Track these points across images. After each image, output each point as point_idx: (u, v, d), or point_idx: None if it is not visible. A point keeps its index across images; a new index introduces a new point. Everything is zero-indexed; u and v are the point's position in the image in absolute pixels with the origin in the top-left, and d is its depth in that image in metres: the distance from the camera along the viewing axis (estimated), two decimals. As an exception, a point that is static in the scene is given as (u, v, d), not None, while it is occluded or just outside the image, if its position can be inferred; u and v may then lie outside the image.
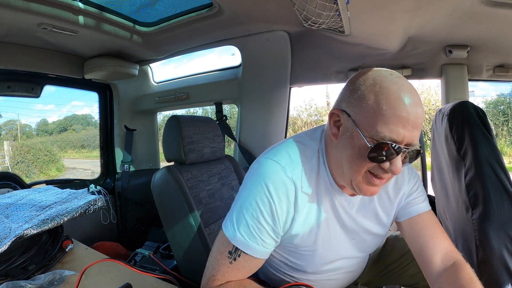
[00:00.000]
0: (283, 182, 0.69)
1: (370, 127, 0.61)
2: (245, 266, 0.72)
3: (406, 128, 0.60)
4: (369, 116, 0.62)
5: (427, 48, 1.54)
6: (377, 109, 0.61)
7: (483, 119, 0.89)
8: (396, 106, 0.60)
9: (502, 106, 9.03)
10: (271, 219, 0.69)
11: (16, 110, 8.15)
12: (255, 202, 0.69)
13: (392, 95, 0.61)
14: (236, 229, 0.70)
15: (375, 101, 0.61)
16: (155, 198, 1.26)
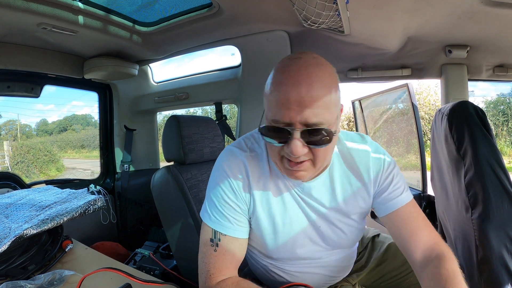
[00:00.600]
0: (236, 162, 0.77)
1: (267, 113, 0.66)
2: (229, 250, 0.74)
3: (289, 108, 0.61)
4: (265, 103, 0.67)
5: (426, 48, 1.54)
6: (267, 95, 0.66)
7: (483, 119, 0.89)
8: (277, 89, 0.63)
9: (502, 106, 9.04)
10: (233, 196, 0.75)
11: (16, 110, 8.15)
12: (217, 184, 0.77)
13: (276, 79, 0.64)
14: (210, 213, 0.76)
15: (267, 87, 0.66)
16: (155, 198, 1.26)
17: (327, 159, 0.71)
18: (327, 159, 0.70)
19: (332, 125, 0.64)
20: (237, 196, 0.76)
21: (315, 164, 0.67)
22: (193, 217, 1.17)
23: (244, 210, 0.77)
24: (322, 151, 0.65)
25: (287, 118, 0.61)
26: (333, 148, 0.72)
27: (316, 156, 0.65)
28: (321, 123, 0.62)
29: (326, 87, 0.63)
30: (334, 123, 0.65)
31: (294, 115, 0.61)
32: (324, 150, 0.65)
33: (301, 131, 0.62)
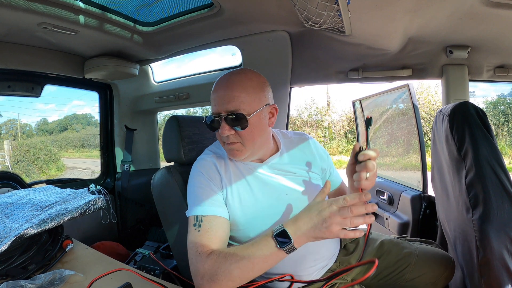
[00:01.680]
0: (205, 162, 0.97)
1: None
2: (212, 228, 0.83)
3: (217, 104, 0.88)
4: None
5: (427, 48, 1.54)
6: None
7: (484, 120, 0.89)
8: (212, 92, 0.91)
9: (503, 107, 9.03)
10: (208, 182, 0.91)
11: (16, 110, 8.15)
12: (195, 180, 0.93)
13: (216, 84, 0.91)
14: (191, 205, 0.88)
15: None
16: (155, 198, 1.26)
17: (256, 142, 0.91)
18: (256, 141, 0.91)
19: (250, 114, 0.87)
20: (211, 181, 0.91)
21: (244, 144, 0.90)
22: (193, 217, 1.17)
23: (219, 192, 0.91)
24: (245, 133, 0.88)
25: (216, 110, 0.89)
26: (259, 134, 0.91)
27: (243, 137, 0.89)
28: (237, 110, 0.86)
29: (242, 87, 0.87)
30: (253, 113, 0.88)
31: (219, 108, 0.88)
32: (247, 133, 0.88)
33: (225, 117, 0.87)
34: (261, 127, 0.91)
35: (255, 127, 0.90)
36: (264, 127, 0.93)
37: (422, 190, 1.69)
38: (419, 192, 1.71)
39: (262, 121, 0.91)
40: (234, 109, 0.86)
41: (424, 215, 1.64)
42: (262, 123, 0.92)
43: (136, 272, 0.89)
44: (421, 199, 1.67)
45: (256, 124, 0.90)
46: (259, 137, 0.92)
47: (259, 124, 0.91)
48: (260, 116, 0.91)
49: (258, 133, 0.91)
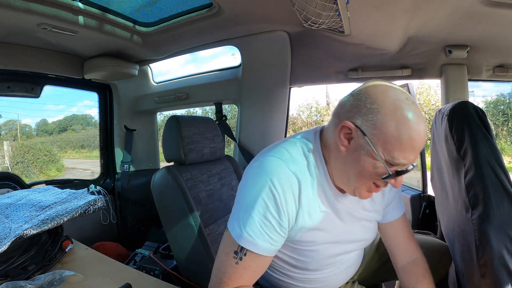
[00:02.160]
0: (287, 176, 0.71)
1: (387, 152, 0.66)
2: (252, 266, 0.72)
3: (416, 153, 0.67)
4: (388, 142, 0.65)
5: (427, 48, 1.54)
6: (398, 138, 0.64)
7: (483, 119, 0.89)
8: (413, 138, 0.65)
9: (502, 106, 9.03)
10: (277, 213, 0.70)
11: (16, 110, 8.15)
12: (261, 198, 0.69)
13: (412, 126, 0.64)
14: (242, 228, 0.70)
15: (396, 130, 0.64)
16: (155, 199, 1.26)
17: None
18: None
19: None
20: (281, 213, 0.70)
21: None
22: (193, 218, 1.17)
23: (284, 226, 0.72)
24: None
25: (411, 161, 0.68)
26: None
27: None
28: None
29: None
30: None
31: (416, 157, 0.68)
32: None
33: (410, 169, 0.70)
34: None
35: None
36: None
37: (422, 190, 1.69)
38: (418, 191, 1.71)
39: None
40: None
41: (424, 214, 1.64)
42: None
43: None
44: (421, 199, 1.67)
45: None
46: None
47: None
48: None
49: None
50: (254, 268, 0.72)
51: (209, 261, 1.14)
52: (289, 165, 0.72)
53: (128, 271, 0.98)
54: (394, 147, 0.65)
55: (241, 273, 0.72)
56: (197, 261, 1.16)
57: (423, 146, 0.68)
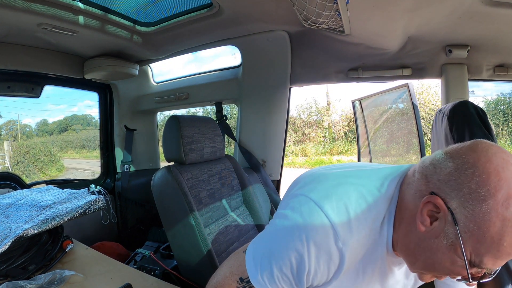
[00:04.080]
0: (329, 251, 0.56)
1: (476, 253, 0.50)
2: None
3: (505, 260, 0.51)
4: (483, 243, 0.49)
5: (427, 48, 1.54)
6: (497, 242, 0.48)
7: (483, 119, 0.89)
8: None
9: (503, 106, 9.03)
10: (298, 278, 0.59)
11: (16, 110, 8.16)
12: (288, 258, 0.58)
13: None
14: (259, 272, 0.62)
15: (500, 233, 0.47)
16: (155, 198, 1.26)
17: None
18: None
19: None
20: (301, 281, 0.59)
21: None
22: (193, 217, 1.17)
23: (302, 286, 0.62)
24: None
25: (496, 268, 0.52)
26: None
27: None
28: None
29: None
30: None
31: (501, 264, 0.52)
32: None
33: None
34: None
35: None
36: None
37: (422, 190, 1.69)
38: (419, 191, 1.71)
39: None
40: None
41: None
42: None
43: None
44: (421, 199, 1.67)
45: None
46: None
47: None
48: None
49: None
50: None
51: (210, 261, 1.14)
52: (338, 239, 0.56)
53: (128, 271, 0.98)
54: (488, 251, 0.49)
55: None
56: (197, 260, 1.16)
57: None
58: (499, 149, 0.51)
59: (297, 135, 11.14)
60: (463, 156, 0.51)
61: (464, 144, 0.54)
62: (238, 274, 0.67)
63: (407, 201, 0.58)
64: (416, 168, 0.60)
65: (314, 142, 11.05)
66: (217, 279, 0.72)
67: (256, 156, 2.03)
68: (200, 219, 1.20)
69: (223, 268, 0.72)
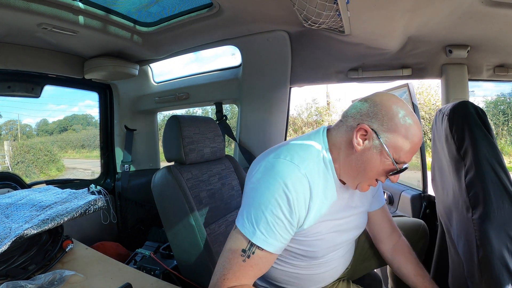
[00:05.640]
0: (299, 179, 0.76)
1: (396, 152, 0.78)
2: (259, 263, 0.75)
3: (413, 154, 0.81)
4: (398, 144, 0.77)
5: (427, 48, 1.54)
6: (406, 141, 0.78)
7: (483, 119, 0.89)
8: (416, 142, 0.79)
9: (502, 106, 9.03)
10: (289, 214, 0.75)
11: (16, 110, 8.16)
12: (274, 199, 0.74)
13: (415, 132, 0.79)
14: (255, 227, 0.74)
15: (405, 135, 0.77)
16: (155, 198, 1.26)
17: None
18: None
19: None
20: (292, 214, 0.75)
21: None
22: (193, 217, 1.17)
23: (294, 226, 0.78)
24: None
25: (409, 160, 0.81)
26: None
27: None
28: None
29: None
30: None
31: (411, 158, 0.82)
32: None
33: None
34: None
35: None
36: None
37: (422, 190, 1.69)
38: (419, 191, 1.71)
39: None
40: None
41: (424, 214, 1.64)
42: None
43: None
44: (421, 199, 1.67)
45: None
46: None
47: None
48: None
49: None
50: (260, 266, 0.75)
51: (210, 261, 1.14)
52: (300, 168, 0.77)
53: (128, 270, 0.98)
54: (402, 149, 0.78)
55: (247, 270, 0.74)
56: (197, 260, 1.16)
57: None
58: (390, 94, 0.84)
59: (297, 135, 11.14)
60: (372, 99, 0.82)
61: (370, 94, 0.85)
62: (239, 247, 0.75)
63: (340, 137, 0.84)
64: (341, 118, 0.87)
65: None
66: (223, 266, 0.75)
67: (256, 156, 2.02)
68: (200, 219, 1.20)
69: (224, 254, 0.78)
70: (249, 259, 0.74)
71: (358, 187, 0.84)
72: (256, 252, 0.74)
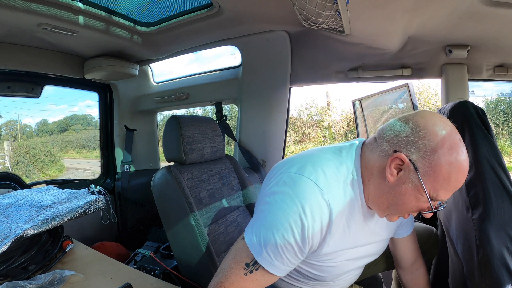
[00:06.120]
0: (319, 205, 0.69)
1: (433, 189, 0.67)
2: (260, 280, 0.72)
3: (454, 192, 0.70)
4: (437, 181, 0.66)
5: (427, 47, 1.54)
6: (447, 179, 0.66)
7: (483, 119, 0.89)
8: (459, 180, 0.68)
9: (502, 106, 9.03)
10: (301, 241, 0.69)
11: (16, 110, 8.16)
12: (288, 223, 0.67)
13: (461, 169, 0.67)
14: (263, 247, 0.69)
15: (448, 172, 0.66)
16: (155, 198, 1.26)
17: None
18: None
19: None
20: (305, 242, 0.69)
21: None
22: (193, 217, 1.17)
23: (304, 252, 0.72)
24: None
25: (448, 197, 0.70)
26: None
27: None
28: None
29: None
30: None
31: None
32: None
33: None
34: None
35: None
36: None
37: (422, 190, 1.69)
38: (419, 191, 1.71)
39: None
40: None
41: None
42: None
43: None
44: (421, 199, 1.67)
45: None
46: None
47: None
48: None
49: None
50: (261, 283, 0.72)
51: (210, 261, 1.14)
52: (324, 193, 0.69)
53: (128, 271, 0.98)
54: (442, 187, 0.67)
55: (246, 284, 0.71)
56: (197, 260, 1.16)
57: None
58: (439, 115, 0.71)
59: (297, 135, 11.14)
60: (415, 122, 0.69)
61: (414, 113, 0.72)
62: (243, 260, 0.71)
63: (373, 161, 0.74)
64: (376, 136, 0.76)
65: (314, 142, 11.04)
66: (222, 273, 0.73)
67: (256, 156, 2.03)
68: (200, 219, 1.20)
69: (226, 262, 0.74)
70: (251, 274, 0.71)
71: (387, 217, 0.76)
72: (259, 270, 0.70)
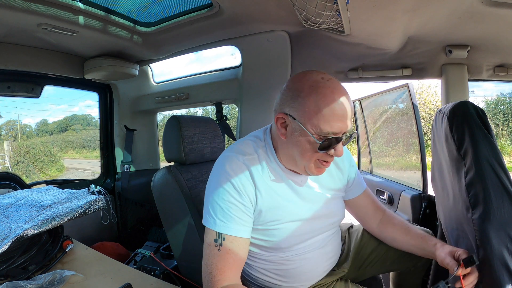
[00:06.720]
0: (238, 165, 0.84)
1: (314, 126, 0.77)
2: (232, 249, 0.79)
3: (342, 121, 0.78)
4: (313, 117, 0.77)
5: (427, 48, 1.54)
6: (320, 112, 0.76)
7: (483, 119, 0.89)
8: (333, 108, 0.76)
9: (502, 106, 9.03)
10: (238, 196, 0.81)
11: (16, 110, 8.16)
12: (221, 187, 0.82)
13: (328, 98, 0.76)
14: (214, 217, 0.81)
15: (316, 106, 0.76)
16: (155, 198, 1.26)
17: None
18: None
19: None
20: (241, 195, 0.81)
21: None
22: (193, 217, 1.17)
23: (249, 208, 0.83)
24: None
25: (339, 129, 0.78)
26: None
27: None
28: (352, 129, 0.81)
29: (351, 101, 0.81)
30: None
31: (344, 126, 0.78)
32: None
33: (348, 136, 0.81)
34: None
35: None
36: None
37: (422, 190, 1.69)
38: (419, 191, 1.71)
39: None
40: (351, 129, 0.81)
41: (424, 214, 1.64)
42: None
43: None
44: (421, 199, 1.67)
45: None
46: None
47: None
48: None
49: None
50: (235, 252, 0.79)
51: (210, 261, 1.14)
52: (238, 156, 0.86)
53: (128, 271, 0.98)
54: (319, 121, 0.76)
55: (226, 259, 0.78)
56: (197, 260, 1.16)
57: (349, 114, 0.79)
58: (304, 72, 0.83)
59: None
60: (284, 87, 0.85)
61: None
62: (211, 240, 0.80)
63: (273, 131, 0.89)
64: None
65: (314, 142, 11.02)
66: (206, 262, 0.80)
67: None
68: (200, 219, 1.19)
69: (203, 251, 0.82)
70: (222, 247, 0.78)
71: (307, 171, 0.84)
72: (225, 238, 0.79)
